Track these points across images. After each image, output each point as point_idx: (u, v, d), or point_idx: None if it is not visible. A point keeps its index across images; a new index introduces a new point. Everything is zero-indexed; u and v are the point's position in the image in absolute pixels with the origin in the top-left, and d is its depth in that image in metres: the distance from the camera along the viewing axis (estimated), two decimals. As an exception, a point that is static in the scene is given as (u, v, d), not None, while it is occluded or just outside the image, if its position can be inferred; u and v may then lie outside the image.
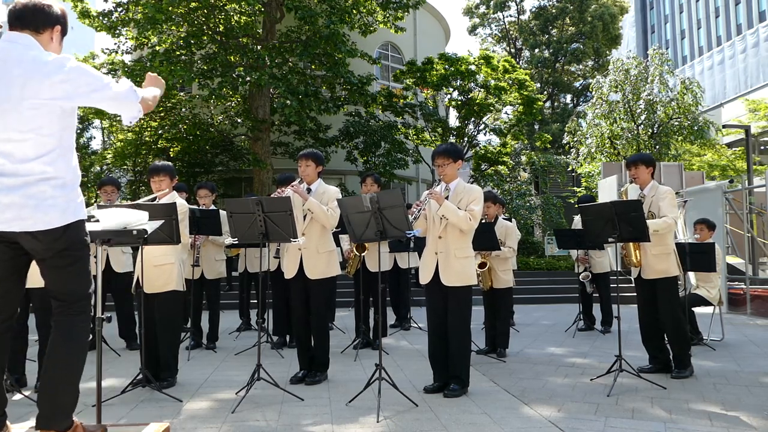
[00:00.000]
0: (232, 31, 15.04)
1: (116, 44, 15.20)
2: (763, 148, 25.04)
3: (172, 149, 16.48)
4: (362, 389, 4.23)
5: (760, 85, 28.68)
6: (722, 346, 6.63)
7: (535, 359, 5.93)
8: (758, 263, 11.34)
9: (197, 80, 13.99)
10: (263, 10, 14.92)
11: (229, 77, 14.14)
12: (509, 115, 20.66)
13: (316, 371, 4.81)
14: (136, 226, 3.17)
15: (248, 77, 13.74)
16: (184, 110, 16.18)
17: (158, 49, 14.31)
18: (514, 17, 34.43)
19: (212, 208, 6.67)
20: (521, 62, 32.53)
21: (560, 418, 3.79)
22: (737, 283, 10.57)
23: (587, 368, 5.41)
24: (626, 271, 5.31)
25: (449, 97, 18.84)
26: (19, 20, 2.58)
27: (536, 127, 28.97)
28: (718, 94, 33.94)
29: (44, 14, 2.61)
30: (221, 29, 15.08)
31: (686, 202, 9.58)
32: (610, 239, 4.76)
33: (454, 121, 20.76)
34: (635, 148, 19.31)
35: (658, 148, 19.33)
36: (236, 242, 4.85)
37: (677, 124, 19.40)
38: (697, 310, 6.82)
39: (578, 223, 7.66)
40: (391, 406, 4.02)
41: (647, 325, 5.14)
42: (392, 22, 16.19)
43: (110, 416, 3.70)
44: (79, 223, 2.62)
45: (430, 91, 18.41)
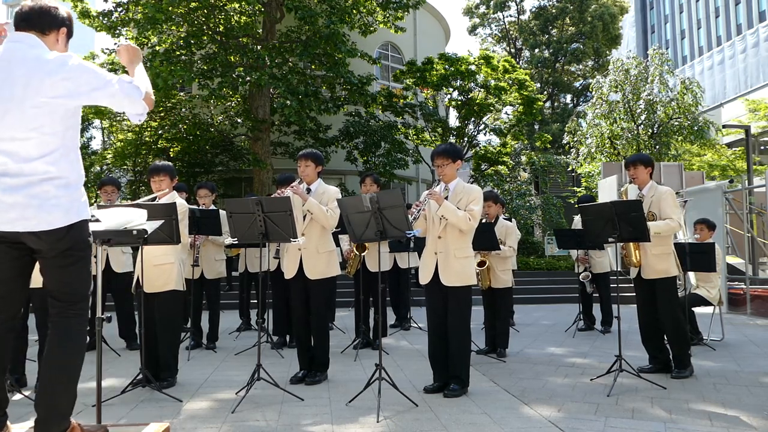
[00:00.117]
0: (232, 31, 15.04)
1: (116, 44, 15.19)
2: (763, 148, 25.04)
3: (172, 149, 16.48)
4: (362, 389, 4.23)
5: (760, 85, 28.69)
6: (722, 346, 6.63)
7: (535, 359, 5.93)
8: (758, 263, 11.34)
9: (197, 80, 13.99)
10: (263, 10, 14.92)
11: (229, 77, 14.14)
12: (509, 115, 20.66)
13: (316, 371, 4.81)
14: (136, 226, 3.18)
15: (248, 77, 13.74)
16: (184, 110, 16.18)
17: (158, 49, 14.31)
18: (514, 17, 34.44)
19: (212, 208, 6.68)
20: (521, 62, 32.54)
21: (560, 418, 3.79)
22: (737, 283, 10.57)
23: (587, 368, 5.41)
24: (626, 271, 5.31)
25: (449, 97, 18.83)
26: (25, 21, 2.59)
27: (536, 127, 28.97)
28: (718, 94, 33.95)
29: (50, 16, 2.62)
30: (221, 29, 15.08)
31: (686, 202, 9.59)
32: (610, 239, 4.77)
33: (454, 121, 20.77)
34: (635, 148, 19.31)
35: (658, 148, 19.33)
36: (236, 242, 4.85)
37: (677, 124, 19.40)
38: (697, 310, 6.82)
39: (578, 223, 7.66)
40: (391, 406, 4.02)
41: (647, 325, 5.14)
42: (392, 22, 16.19)
43: (110, 416, 3.70)
44: (82, 222, 2.62)
45: (430, 91, 18.41)
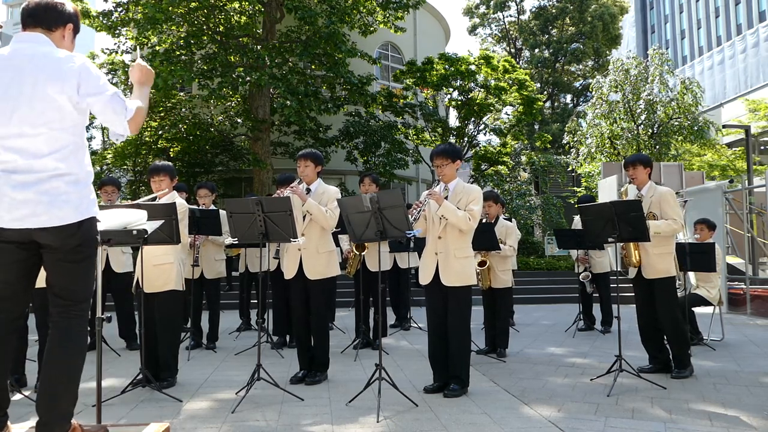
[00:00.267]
0: (232, 31, 15.04)
1: (116, 44, 15.22)
2: (763, 148, 25.05)
3: (172, 149, 16.47)
4: (362, 389, 4.23)
5: (760, 85, 28.69)
6: (722, 346, 6.63)
7: (535, 359, 5.93)
8: (758, 263, 11.34)
9: (197, 80, 14.00)
10: (263, 10, 14.92)
11: (229, 77, 14.14)
12: (509, 115, 20.66)
13: (316, 371, 4.81)
14: (136, 226, 3.18)
15: (248, 77, 13.74)
16: (184, 110, 16.18)
17: (158, 49, 14.32)
18: (514, 17, 34.44)
19: (212, 208, 6.68)
20: (521, 62, 32.54)
21: (560, 418, 3.79)
22: (737, 283, 10.57)
23: (587, 368, 5.41)
24: (626, 270, 5.31)
25: (449, 97, 18.83)
26: (31, 18, 2.59)
27: (536, 127, 28.96)
28: (718, 94, 33.95)
29: (56, 12, 2.62)
30: (221, 29, 15.08)
31: (686, 202, 9.58)
32: (610, 239, 4.77)
33: (454, 121, 20.78)
34: (635, 148, 19.31)
35: (658, 148, 19.34)
36: (236, 242, 4.86)
37: (677, 124, 19.40)
38: (697, 310, 6.83)
39: (578, 223, 7.66)
40: (391, 406, 4.02)
41: (646, 325, 5.14)
42: (392, 22, 16.20)
43: (110, 416, 3.70)
44: (92, 220, 2.61)
45: (430, 91, 18.41)
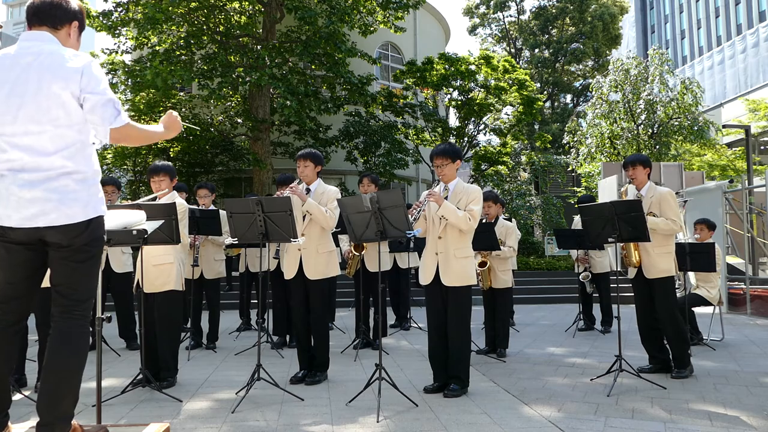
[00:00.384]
0: (232, 31, 15.03)
1: (116, 44, 15.20)
2: (763, 148, 25.06)
3: (172, 149, 16.46)
4: (362, 389, 4.23)
5: (760, 85, 28.70)
6: (722, 346, 6.63)
7: (535, 359, 5.93)
8: (758, 263, 11.34)
9: (197, 80, 13.99)
10: (263, 10, 14.92)
11: (229, 77, 14.14)
12: (509, 115, 20.66)
13: (316, 371, 4.81)
14: (136, 226, 3.18)
15: (248, 77, 13.74)
16: (184, 110, 16.16)
17: (158, 49, 14.32)
18: (514, 17, 34.45)
19: (212, 208, 6.68)
20: (521, 62, 32.55)
21: (560, 418, 3.79)
22: (737, 283, 10.57)
23: (587, 368, 5.41)
24: (626, 270, 5.31)
25: (449, 97, 18.84)
26: (36, 16, 2.57)
27: (536, 127, 28.97)
28: (718, 94, 33.97)
29: (62, 10, 2.60)
30: (221, 29, 15.08)
31: (686, 202, 9.59)
32: (610, 239, 4.77)
33: (454, 121, 20.78)
34: (635, 148, 19.31)
35: (658, 148, 19.34)
36: (236, 242, 4.86)
37: (677, 124, 19.41)
38: (697, 310, 6.82)
39: (578, 223, 7.66)
40: (391, 406, 4.02)
41: (646, 325, 5.14)
42: (392, 22, 16.19)
43: (110, 416, 3.70)
44: (100, 219, 2.59)
45: (430, 91, 18.41)
